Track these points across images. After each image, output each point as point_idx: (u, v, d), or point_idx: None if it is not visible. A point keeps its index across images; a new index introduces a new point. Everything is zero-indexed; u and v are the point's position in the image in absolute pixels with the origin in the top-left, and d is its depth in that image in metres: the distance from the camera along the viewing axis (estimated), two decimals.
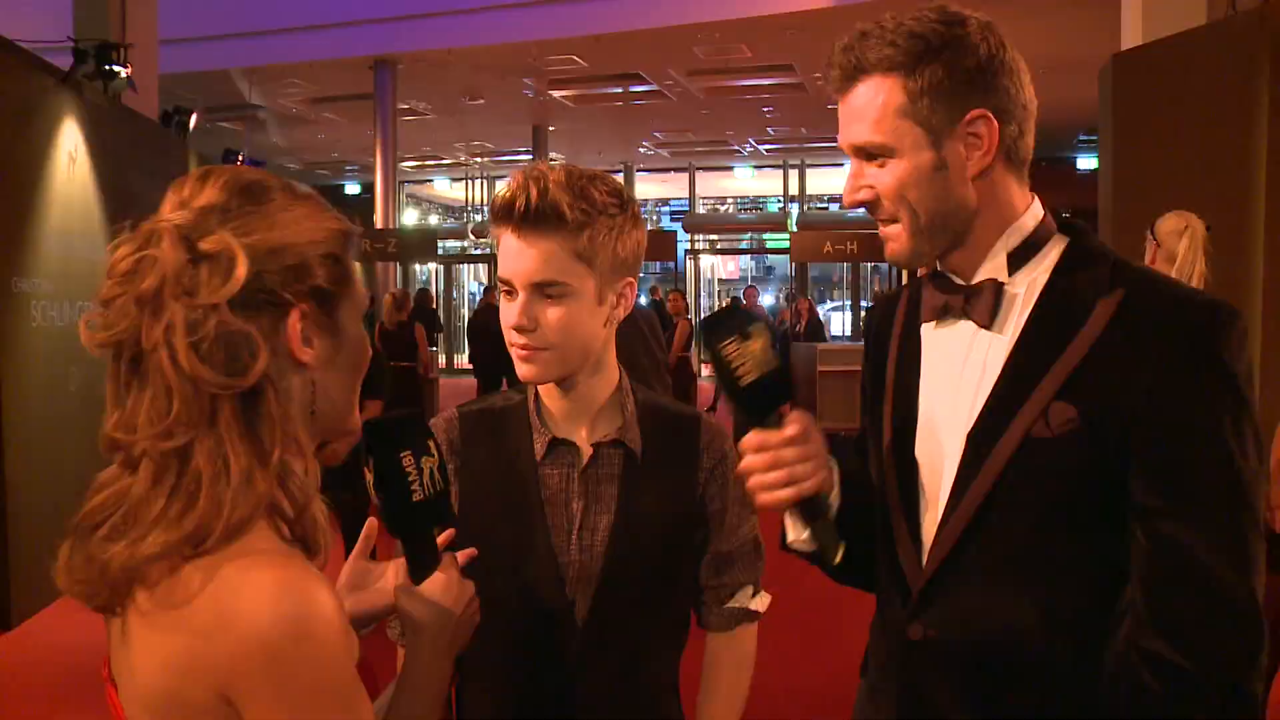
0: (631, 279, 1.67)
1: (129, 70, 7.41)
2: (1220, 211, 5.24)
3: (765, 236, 27.87)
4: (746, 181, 27.83)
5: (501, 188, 1.61)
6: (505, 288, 1.61)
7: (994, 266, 1.43)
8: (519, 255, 1.58)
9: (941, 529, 1.40)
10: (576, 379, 1.66)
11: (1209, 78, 5.84)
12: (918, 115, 1.37)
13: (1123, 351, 1.31)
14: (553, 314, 1.58)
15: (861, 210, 1.47)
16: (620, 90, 18.47)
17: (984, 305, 1.42)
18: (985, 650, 1.39)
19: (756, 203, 29.48)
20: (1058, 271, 1.41)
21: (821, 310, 25.90)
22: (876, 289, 22.48)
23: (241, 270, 1.06)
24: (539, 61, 16.02)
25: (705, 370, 17.66)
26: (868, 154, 1.42)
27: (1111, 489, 1.32)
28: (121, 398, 1.09)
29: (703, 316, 20.65)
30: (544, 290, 1.58)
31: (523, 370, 1.62)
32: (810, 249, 12.89)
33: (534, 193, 1.55)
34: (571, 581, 1.63)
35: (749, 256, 31.03)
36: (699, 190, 27.32)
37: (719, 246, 29.14)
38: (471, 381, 16.97)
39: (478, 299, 22.11)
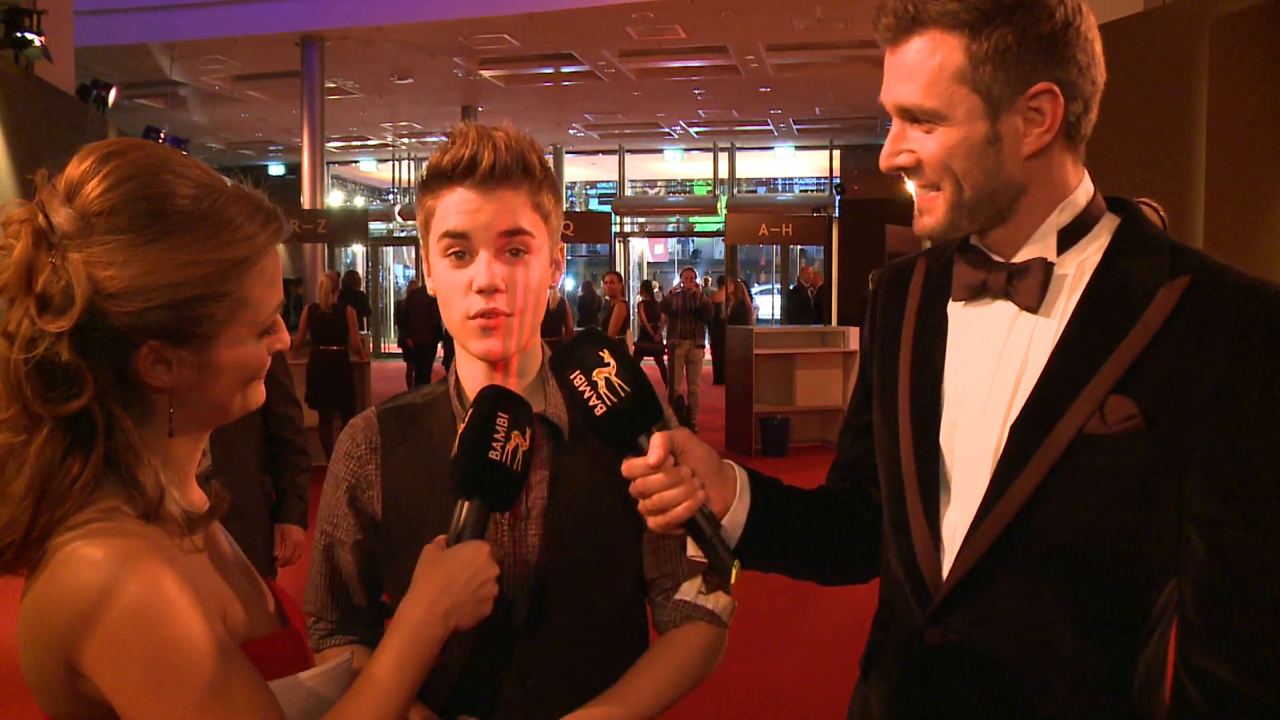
0: (563, 244, 1.60)
1: (43, 39, 7.08)
2: (1161, 195, 5.27)
3: (695, 220, 27.86)
4: (676, 164, 27.76)
5: (440, 150, 1.50)
6: (456, 248, 1.48)
7: (1042, 245, 1.32)
8: (479, 209, 1.46)
9: (977, 526, 1.29)
10: (513, 357, 1.54)
11: (1149, 63, 5.88)
12: (977, 82, 1.24)
13: (1187, 344, 1.20)
14: (519, 272, 1.48)
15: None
16: (551, 70, 18.28)
17: (1030, 286, 1.30)
18: (1013, 657, 1.29)
19: (684, 186, 29.44)
20: (1110, 254, 1.29)
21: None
22: (803, 269, 22.55)
23: (76, 309, 1.04)
24: (469, 40, 15.77)
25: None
26: (913, 117, 1.29)
27: (1168, 491, 1.21)
28: None
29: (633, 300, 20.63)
30: (509, 244, 1.47)
31: (485, 345, 1.48)
32: (745, 231, 12.81)
33: (501, 146, 1.46)
34: (509, 578, 1.50)
35: (676, 240, 31.00)
36: (628, 173, 27.20)
37: (648, 229, 29.07)
38: (401, 365, 16.76)
39: (403, 283, 21.67)
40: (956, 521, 1.33)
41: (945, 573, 1.33)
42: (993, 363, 1.33)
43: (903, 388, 1.43)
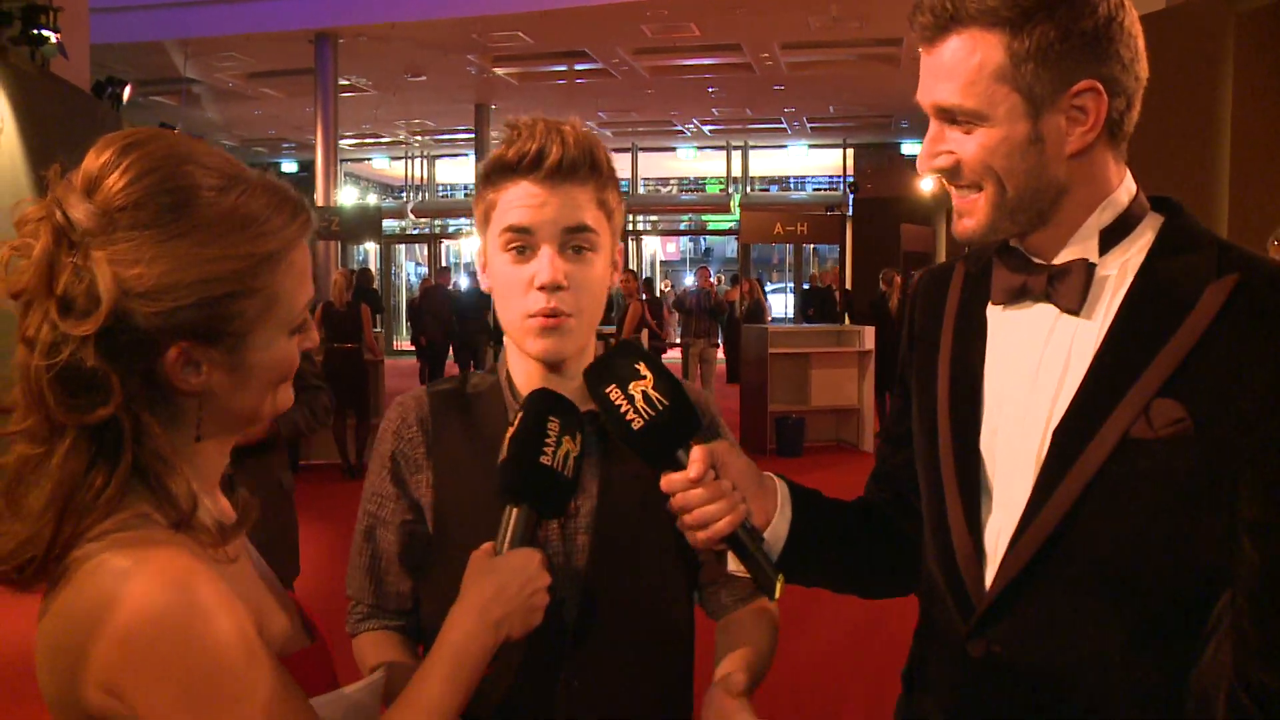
0: (621, 245, 1.55)
1: (59, 36, 7.09)
2: (1184, 195, 5.23)
3: (707, 218, 27.83)
4: (689, 162, 27.75)
5: (504, 142, 1.46)
6: (518, 243, 1.43)
7: (1083, 246, 1.28)
8: (545, 203, 1.42)
9: (1020, 535, 1.25)
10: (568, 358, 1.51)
11: (1172, 60, 5.82)
12: (1018, 81, 1.20)
13: (1236, 343, 1.16)
14: (582, 270, 1.44)
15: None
16: (565, 68, 18.29)
17: (1072, 287, 1.26)
18: (1059, 670, 1.24)
19: (697, 184, 29.42)
20: (1154, 253, 1.25)
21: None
22: (815, 271, 22.49)
23: (103, 311, 0.96)
24: (483, 38, 15.78)
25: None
26: (952, 117, 1.25)
27: (1219, 497, 1.17)
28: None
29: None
30: (572, 240, 1.43)
31: (543, 344, 1.44)
32: (759, 230, 12.75)
33: (570, 141, 1.42)
34: (557, 578, 1.44)
35: (688, 238, 30.97)
36: (640, 171, 27.19)
37: (661, 227, 29.06)
38: (414, 363, 16.74)
39: (415, 280, 21.61)
40: (999, 529, 1.29)
41: (988, 582, 1.29)
42: (1034, 366, 1.30)
43: (941, 393, 1.39)
